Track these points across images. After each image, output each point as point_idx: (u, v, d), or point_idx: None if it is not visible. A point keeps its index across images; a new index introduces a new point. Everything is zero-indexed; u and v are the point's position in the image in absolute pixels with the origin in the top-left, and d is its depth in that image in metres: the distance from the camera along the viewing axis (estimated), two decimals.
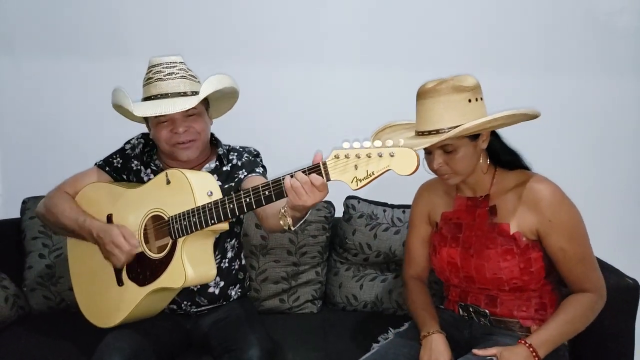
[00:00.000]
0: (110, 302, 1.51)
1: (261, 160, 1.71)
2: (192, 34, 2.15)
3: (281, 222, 1.32)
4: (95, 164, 1.67)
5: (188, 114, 1.50)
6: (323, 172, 1.20)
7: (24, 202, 1.99)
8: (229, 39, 2.16)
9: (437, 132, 1.34)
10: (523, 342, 1.34)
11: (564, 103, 2.12)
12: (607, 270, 1.67)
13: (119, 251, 1.43)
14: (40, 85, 2.22)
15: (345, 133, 2.16)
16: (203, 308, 1.62)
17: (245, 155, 1.67)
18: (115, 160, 1.66)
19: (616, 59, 2.12)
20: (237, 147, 1.70)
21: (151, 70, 1.50)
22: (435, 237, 1.55)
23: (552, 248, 1.39)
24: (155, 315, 1.56)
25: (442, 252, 1.51)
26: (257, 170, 1.64)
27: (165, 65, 1.49)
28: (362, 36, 2.15)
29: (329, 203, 2.05)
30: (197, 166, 1.62)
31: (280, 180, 1.25)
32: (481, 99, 1.38)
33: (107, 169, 1.65)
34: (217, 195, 1.41)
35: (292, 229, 1.34)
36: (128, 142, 1.69)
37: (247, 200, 1.30)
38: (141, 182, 1.62)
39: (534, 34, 2.11)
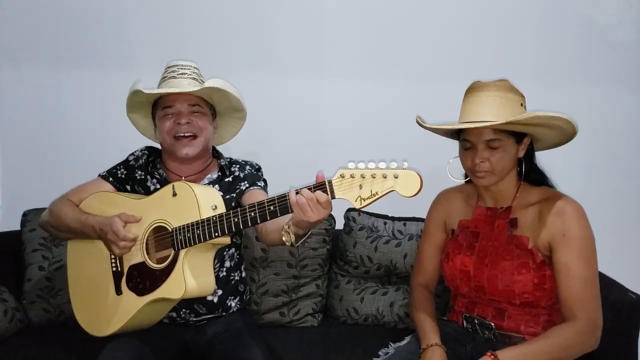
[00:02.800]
0: (107, 310, 1.51)
1: (262, 175, 1.74)
2: (194, 44, 2.16)
3: (284, 239, 1.35)
4: (99, 175, 1.69)
5: (193, 110, 1.58)
6: (328, 189, 1.24)
7: (24, 215, 1.99)
8: (230, 50, 2.17)
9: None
10: (489, 353, 1.32)
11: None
12: (610, 285, 1.66)
13: (118, 238, 1.44)
14: (41, 96, 2.22)
15: (346, 143, 2.20)
16: (202, 317, 1.61)
17: (248, 167, 1.71)
18: (119, 172, 1.67)
19: (614, 71, 2.12)
20: (240, 160, 1.74)
21: (166, 71, 1.59)
22: (450, 244, 1.54)
23: (558, 263, 1.37)
24: (154, 326, 1.55)
25: (455, 260, 1.50)
26: (259, 183, 1.68)
27: (180, 67, 1.59)
28: (365, 49, 2.16)
29: (330, 215, 2.05)
30: (199, 173, 1.64)
31: (285, 195, 1.28)
32: (526, 109, 1.41)
33: (110, 179, 1.67)
34: (221, 209, 1.43)
35: (295, 245, 1.37)
36: (132, 154, 1.71)
37: (252, 214, 1.33)
38: (147, 190, 1.64)
39: (533, 46, 2.13)
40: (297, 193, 1.26)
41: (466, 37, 2.13)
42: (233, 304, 1.67)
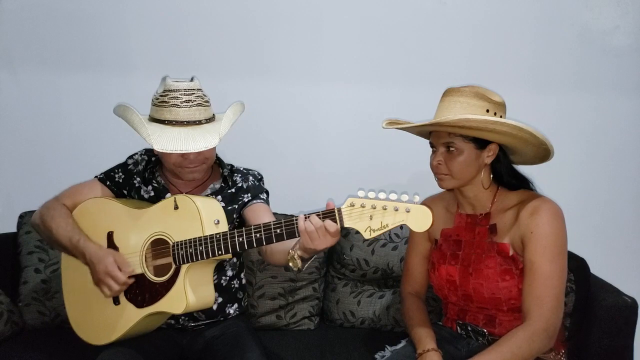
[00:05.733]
0: (104, 320, 1.50)
1: (264, 185, 1.71)
2: (192, 50, 2.16)
3: (291, 264, 1.34)
4: (96, 176, 1.66)
5: None
6: (337, 218, 1.24)
7: (20, 217, 1.98)
8: (229, 56, 2.17)
9: (441, 125, 1.37)
10: None
11: (557, 121, 2.13)
12: (605, 288, 1.67)
13: (113, 282, 1.41)
14: (38, 99, 2.21)
15: (344, 148, 2.21)
16: (200, 323, 1.61)
17: (251, 178, 1.67)
18: (116, 175, 1.64)
19: (610, 77, 2.13)
20: (241, 169, 1.71)
21: (167, 95, 1.46)
22: (434, 254, 1.55)
23: (525, 260, 1.38)
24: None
25: (441, 270, 1.50)
26: (262, 196, 1.65)
27: (183, 92, 1.47)
28: (363, 54, 2.16)
29: None
30: (200, 185, 1.62)
31: (293, 219, 1.27)
32: (501, 117, 1.40)
33: (107, 183, 1.64)
34: (224, 224, 1.42)
35: (302, 270, 1.36)
36: (131, 157, 1.68)
37: (258, 235, 1.32)
38: (142, 199, 1.61)
39: (529, 52, 2.13)
40: (305, 219, 1.25)
41: (463, 44, 2.13)
42: (232, 311, 1.67)
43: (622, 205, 2.20)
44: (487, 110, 1.38)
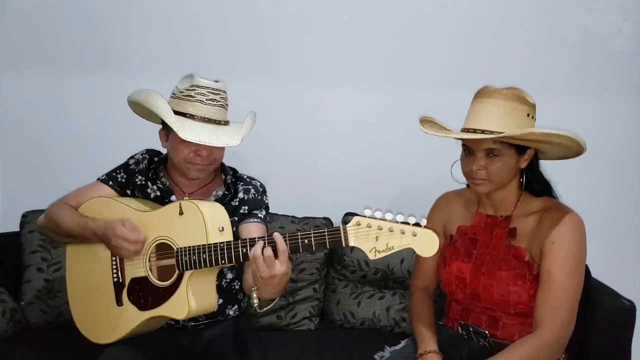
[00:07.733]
0: (107, 320, 1.50)
1: (266, 198, 1.70)
2: (196, 50, 2.16)
3: (252, 301, 1.36)
4: (98, 179, 1.67)
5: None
6: (343, 236, 1.22)
7: (23, 216, 1.99)
8: (232, 57, 2.18)
9: (491, 133, 1.33)
10: None
11: (558, 124, 2.12)
12: (605, 292, 1.68)
13: (125, 242, 1.42)
14: (42, 100, 2.23)
15: (346, 151, 2.21)
16: (200, 322, 1.62)
17: (253, 191, 1.66)
18: (119, 175, 1.65)
19: (612, 81, 2.13)
20: (245, 177, 1.70)
21: (194, 90, 1.50)
22: (447, 250, 1.54)
23: (542, 270, 1.37)
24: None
25: (452, 266, 1.50)
26: (259, 214, 1.64)
27: (211, 90, 1.51)
28: (366, 57, 2.17)
29: (327, 219, 2.06)
30: (203, 187, 1.63)
31: (297, 234, 1.27)
32: (534, 119, 1.39)
33: (110, 183, 1.64)
34: (228, 231, 1.42)
35: (259, 311, 1.37)
36: (132, 157, 1.69)
37: None
38: (147, 197, 1.62)
39: (530, 55, 2.13)
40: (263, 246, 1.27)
41: (464, 46, 2.13)
42: (231, 312, 1.68)
43: (622, 209, 2.20)
44: (528, 115, 1.36)
